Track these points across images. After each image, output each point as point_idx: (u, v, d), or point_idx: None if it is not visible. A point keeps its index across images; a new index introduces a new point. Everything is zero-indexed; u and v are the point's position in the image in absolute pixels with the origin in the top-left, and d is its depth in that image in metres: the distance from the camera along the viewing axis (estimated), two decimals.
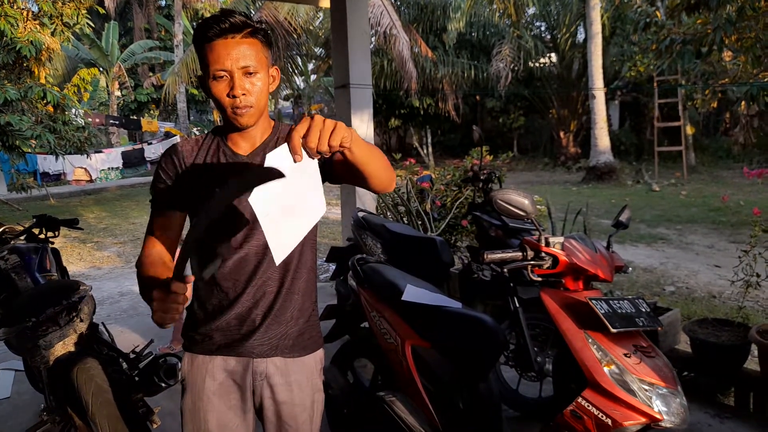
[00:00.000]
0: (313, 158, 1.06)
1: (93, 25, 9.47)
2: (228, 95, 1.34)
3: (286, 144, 1.04)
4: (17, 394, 3.49)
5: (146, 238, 1.50)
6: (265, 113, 1.45)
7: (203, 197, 1.42)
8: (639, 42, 12.79)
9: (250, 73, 1.34)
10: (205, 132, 1.58)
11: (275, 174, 1.00)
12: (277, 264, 1.17)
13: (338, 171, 1.33)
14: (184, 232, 1.23)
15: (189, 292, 1.17)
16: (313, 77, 20.74)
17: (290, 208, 1.09)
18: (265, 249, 1.43)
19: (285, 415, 1.51)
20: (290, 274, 1.47)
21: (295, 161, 1.03)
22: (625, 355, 1.85)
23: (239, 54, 1.32)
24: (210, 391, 1.49)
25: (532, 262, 2.05)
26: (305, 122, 1.04)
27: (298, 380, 1.52)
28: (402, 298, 2.13)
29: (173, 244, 1.50)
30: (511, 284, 2.79)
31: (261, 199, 1.04)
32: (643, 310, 1.98)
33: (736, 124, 15.65)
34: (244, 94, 1.34)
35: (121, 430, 2.15)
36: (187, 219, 1.51)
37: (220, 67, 1.32)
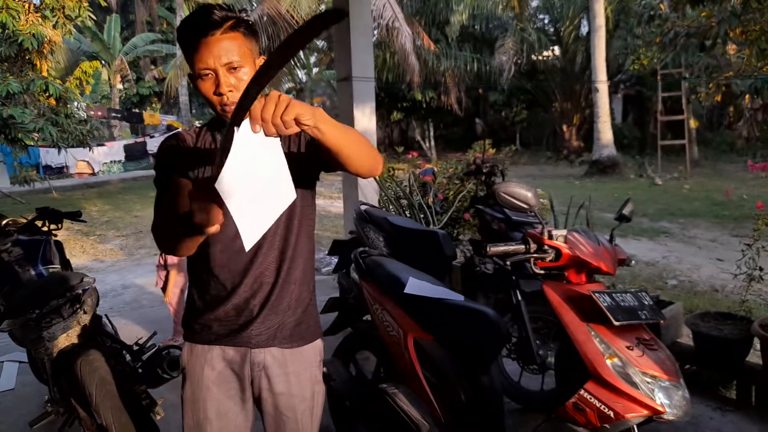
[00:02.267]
0: (269, 135, 1.06)
1: (95, 18, 9.47)
2: (215, 93, 1.34)
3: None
4: (21, 386, 3.52)
5: (156, 210, 1.38)
6: None
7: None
8: (643, 35, 12.70)
9: (235, 68, 1.33)
10: (203, 124, 1.56)
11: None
12: (246, 250, 1.13)
13: (325, 156, 1.30)
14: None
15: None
16: (315, 70, 20.71)
17: (257, 193, 1.09)
18: (261, 240, 1.42)
19: (282, 406, 1.52)
20: (286, 264, 1.47)
21: (253, 131, 1.05)
22: (628, 347, 1.85)
23: (221, 50, 1.31)
24: (209, 380, 1.50)
25: (535, 255, 2.05)
26: (262, 97, 1.05)
27: (296, 371, 1.53)
28: (404, 291, 2.13)
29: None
30: (514, 277, 2.79)
31: (227, 185, 1.04)
32: (646, 303, 1.98)
33: (740, 117, 15.56)
34: (230, 91, 1.33)
35: (125, 421, 2.16)
36: None
37: (204, 66, 1.31)
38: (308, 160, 1.41)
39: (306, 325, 1.55)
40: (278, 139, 1.09)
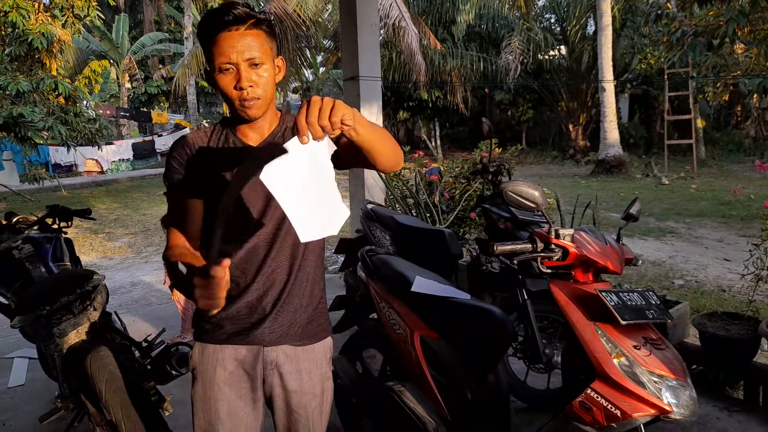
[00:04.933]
0: (319, 140, 1.09)
1: (103, 17, 9.55)
2: (235, 87, 1.35)
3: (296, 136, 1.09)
4: (31, 382, 3.55)
5: (169, 230, 1.49)
6: (272, 104, 1.45)
7: (216, 188, 1.42)
8: (650, 34, 12.64)
9: (256, 65, 1.34)
10: (214, 123, 1.57)
11: (281, 150, 1.08)
12: (302, 241, 1.17)
13: (345, 154, 1.32)
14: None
15: (228, 276, 1.19)
16: (321, 69, 20.72)
17: (311, 197, 1.12)
18: (274, 238, 1.45)
19: (294, 404, 1.53)
20: (298, 261, 1.49)
21: (302, 142, 1.08)
22: (635, 347, 1.85)
23: (244, 46, 1.32)
24: (221, 380, 1.50)
25: (541, 254, 2.05)
26: (305, 104, 1.08)
27: (308, 368, 1.54)
28: (411, 289, 2.14)
29: (196, 233, 1.47)
30: (520, 276, 2.79)
31: (278, 183, 1.09)
32: (653, 302, 1.98)
33: (748, 117, 15.51)
34: (251, 86, 1.34)
35: (134, 417, 2.18)
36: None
37: (226, 60, 1.33)
38: None
39: (317, 323, 1.56)
40: (326, 150, 1.13)
